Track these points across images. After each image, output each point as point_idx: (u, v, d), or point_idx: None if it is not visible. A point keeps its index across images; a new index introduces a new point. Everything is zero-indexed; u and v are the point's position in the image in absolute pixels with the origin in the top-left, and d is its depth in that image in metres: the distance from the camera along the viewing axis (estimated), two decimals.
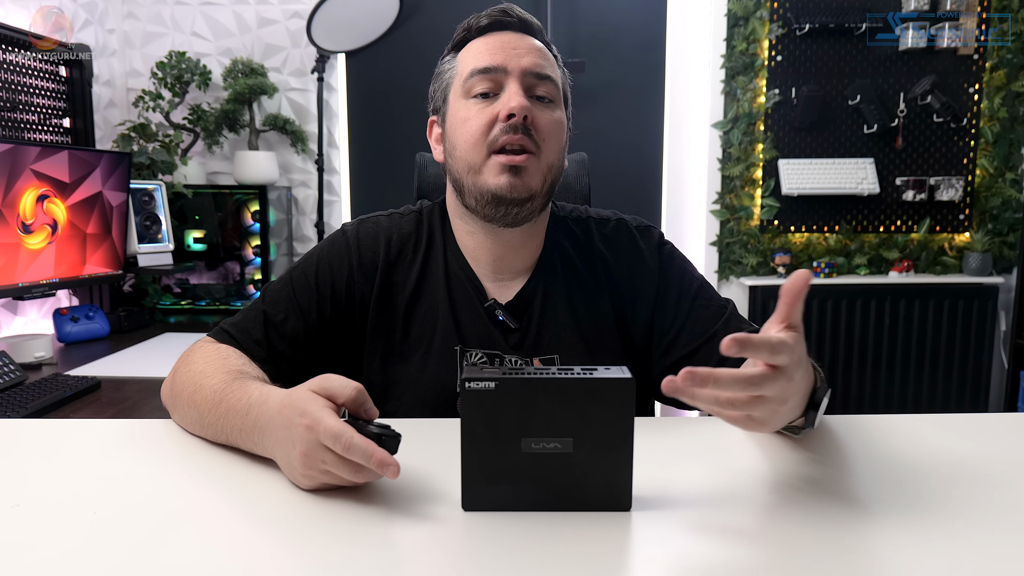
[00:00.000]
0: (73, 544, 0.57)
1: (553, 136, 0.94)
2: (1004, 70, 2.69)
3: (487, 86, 0.93)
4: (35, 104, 2.24)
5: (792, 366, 0.61)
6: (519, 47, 0.94)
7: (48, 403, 1.44)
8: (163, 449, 0.79)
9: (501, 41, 0.94)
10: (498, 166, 0.91)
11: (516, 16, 0.96)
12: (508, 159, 0.90)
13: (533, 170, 0.92)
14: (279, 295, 0.97)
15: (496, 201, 0.92)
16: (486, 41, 0.95)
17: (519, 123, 0.90)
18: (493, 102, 0.92)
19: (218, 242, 2.63)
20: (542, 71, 0.94)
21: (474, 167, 0.93)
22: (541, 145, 0.92)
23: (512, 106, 0.90)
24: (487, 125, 0.91)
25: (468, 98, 0.94)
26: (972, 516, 0.63)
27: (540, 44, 0.97)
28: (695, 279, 1.02)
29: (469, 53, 0.96)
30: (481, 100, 0.93)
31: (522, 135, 0.90)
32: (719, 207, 2.77)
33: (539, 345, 0.98)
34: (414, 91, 2.80)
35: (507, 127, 0.90)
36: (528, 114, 0.90)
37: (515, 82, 0.92)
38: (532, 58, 0.93)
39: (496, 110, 0.91)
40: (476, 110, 0.92)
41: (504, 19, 0.96)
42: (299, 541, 0.58)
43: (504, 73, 0.92)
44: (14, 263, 1.84)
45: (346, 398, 0.65)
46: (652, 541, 0.59)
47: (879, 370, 2.75)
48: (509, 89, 0.92)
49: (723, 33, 2.69)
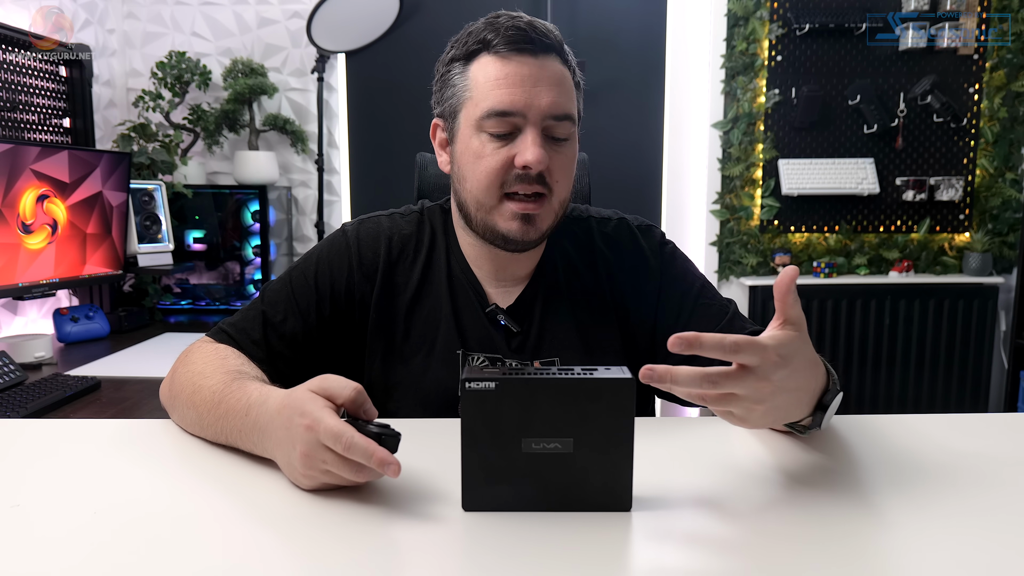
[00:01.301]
0: (73, 544, 0.57)
1: (565, 175, 0.92)
2: (1004, 70, 2.69)
3: (504, 129, 0.88)
4: (35, 104, 2.24)
5: (767, 366, 0.60)
6: (540, 80, 0.87)
7: (48, 403, 1.44)
8: (163, 449, 0.79)
9: (520, 73, 0.87)
10: (510, 213, 0.90)
11: (537, 39, 0.88)
12: (522, 208, 0.89)
13: (545, 214, 0.91)
14: (278, 295, 0.97)
15: (506, 241, 0.92)
16: (503, 68, 0.87)
17: (535, 174, 0.88)
18: (508, 143, 0.88)
19: (218, 242, 2.63)
20: (561, 111, 0.88)
21: (485, 207, 0.91)
22: (553, 187, 0.90)
23: (529, 159, 0.86)
24: (501, 169, 0.88)
25: (481, 132, 0.89)
26: (973, 516, 0.63)
27: (560, 69, 0.90)
28: (697, 279, 1.02)
29: (485, 77, 0.88)
30: (495, 140, 0.88)
31: (536, 183, 0.89)
32: (719, 207, 2.77)
33: (540, 348, 0.97)
34: (414, 91, 2.80)
35: (522, 175, 0.88)
36: (544, 166, 0.87)
37: (533, 129, 0.87)
38: (552, 96, 0.87)
39: (511, 154, 0.88)
40: (491, 148, 0.88)
41: (523, 45, 0.87)
42: (299, 541, 0.58)
43: (523, 118, 0.87)
44: (14, 263, 1.84)
45: (345, 398, 0.65)
46: (652, 541, 0.59)
47: (879, 370, 2.75)
48: (527, 137, 0.87)
49: (723, 33, 2.69)
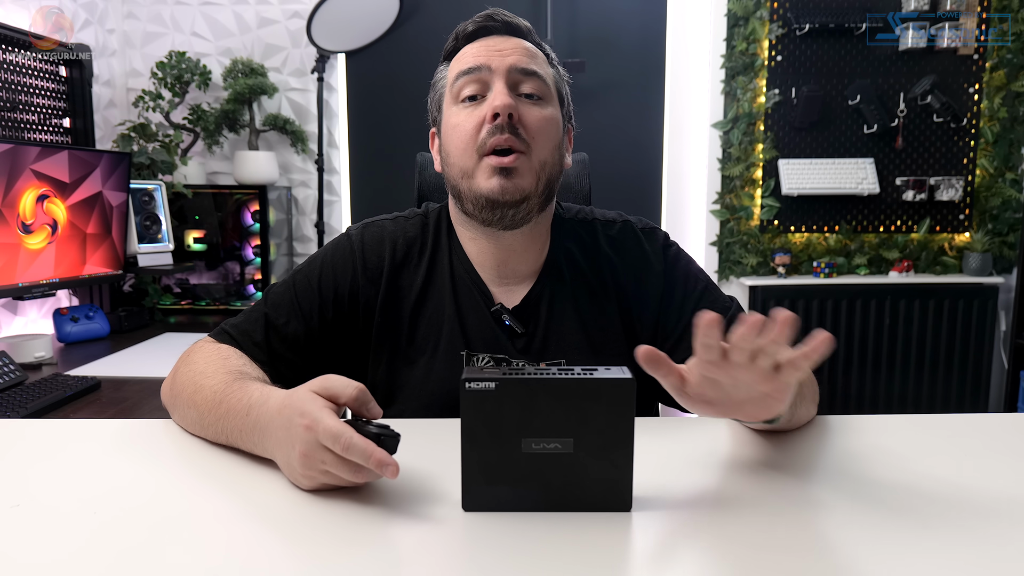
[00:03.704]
0: (73, 544, 0.57)
1: (543, 133, 0.93)
2: (1004, 70, 2.69)
3: (474, 88, 0.93)
4: (35, 104, 2.24)
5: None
6: (504, 48, 0.94)
7: (48, 403, 1.43)
8: (163, 449, 0.79)
9: (486, 45, 0.95)
10: (488, 169, 0.90)
11: (501, 20, 0.97)
12: (497, 161, 0.90)
13: (524, 170, 0.91)
14: (281, 298, 0.97)
15: (491, 205, 0.91)
16: (473, 47, 0.96)
17: (505, 123, 0.89)
18: (481, 104, 0.92)
19: (218, 242, 2.63)
20: (527, 67, 0.93)
21: (467, 172, 0.92)
22: (531, 143, 0.91)
23: (496, 105, 0.89)
24: (476, 128, 0.91)
25: (458, 103, 0.94)
26: (973, 516, 0.63)
27: (528, 44, 0.97)
28: (701, 280, 1.02)
29: (457, 60, 0.96)
30: (470, 103, 0.93)
31: (509, 135, 0.90)
32: (719, 207, 2.77)
33: (545, 349, 0.97)
34: (414, 91, 2.80)
35: (494, 128, 0.90)
36: (513, 112, 0.90)
37: (500, 81, 0.92)
38: (517, 56, 0.93)
39: (483, 112, 0.91)
40: (465, 115, 0.93)
41: (489, 24, 0.96)
42: (299, 541, 0.58)
43: (488, 72, 0.92)
44: (14, 263, 1.84)
45: (348, 398, 0.65)
46: (652, 541, 0.59)
47: (879, 370, 2.75)
48: (495, 89, 0.92)
49: (723, 33, 2.69)
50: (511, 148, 0.90)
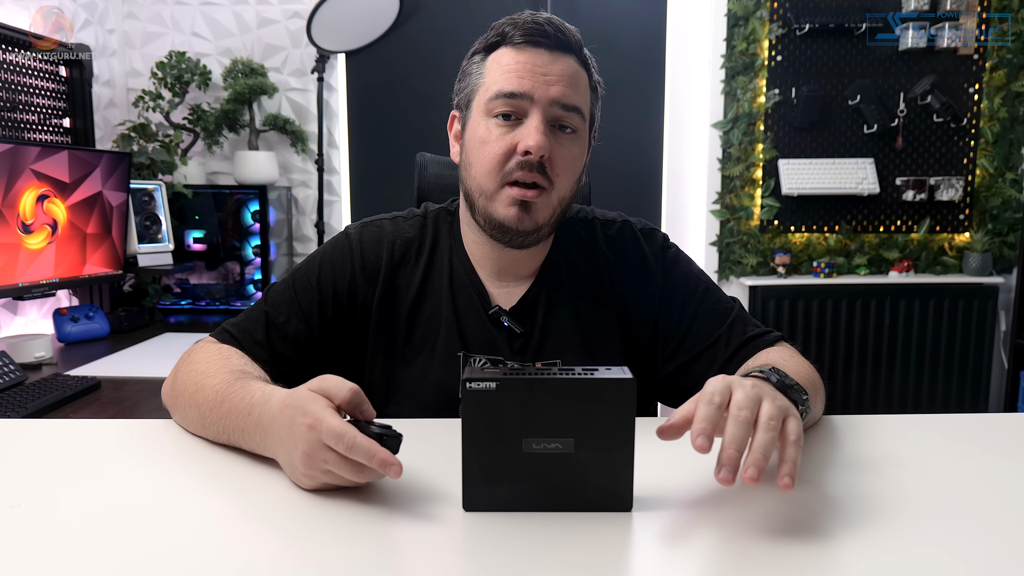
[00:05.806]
0: (74, 544, 0.57)
1: (568, 170, 0.92)
2: (1004, 70, 2.69)
3: (510, 109, 0.89)
4: (35, 104, 2.24)
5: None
6: (550, 73, 0.89)
7: (48, 403, 1.44)
8: (163, 449, 0.79)
9: (532, 62, 0.89)
10: (509, 198, 0.90)
11: (553, 34, 0.90)
12: (520, 193, 0.89)
13: (543, 205, 0.91)
14: (281, 297, 0.97)
15: (503, 229, 0.91)
16: (517, 57, 0.89)
17: (535, 161, 0.88)
18: (514, 127, 0.89)
19: (218, 242, 2.63)
20: (569, 102, 0.89)
21: (486, 193, 0.92)
22: (555, 180, 0.90)
23: (530, 144, 0.87)
24: (504, 155, 0.89)
25: (489, 117, 0.90)
26: (973, 516, 0.63)
27: (575, 67, 0.91)
28: (701, 282, 1.02)
29: (498, 65, 0.91)
30: (503, 122, 0.89)
31: (536, 172, 0.89)
32: (719, 207, 2.77)
33: (542, 350, 0.97)
34: (414, 91, 2.80)
35: (523, 162, 0.88)
36: (546, 152, 0.88)
37: (538, 114, 0.88)
38: (561, 87, 0.89)
39: (515, 140, 0.88)
40: (496, 134, 0.90)
41: (539, 39, 0.89)
42: (299, 541, 0.58)
43: (529, 101, 0.88)
44: (14, 263, 1.84)
45: (342, 399, 0.65)
46: (653, 541, 0.59)
47: (879, 370, 2.74)
48: (531, 122, 0.88)
49: (723, 33, 2.69)
50: (536, 183, 0.90)
